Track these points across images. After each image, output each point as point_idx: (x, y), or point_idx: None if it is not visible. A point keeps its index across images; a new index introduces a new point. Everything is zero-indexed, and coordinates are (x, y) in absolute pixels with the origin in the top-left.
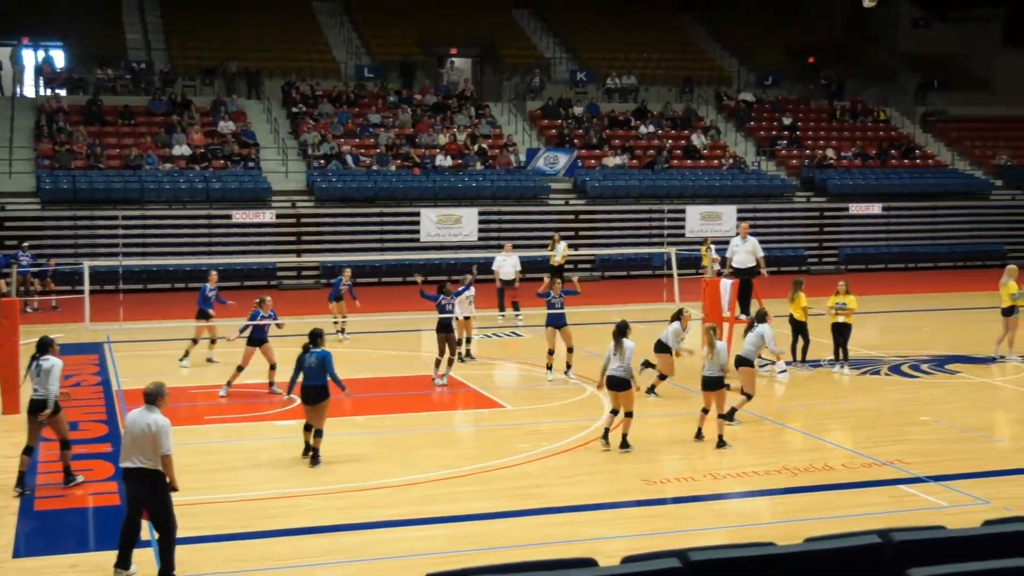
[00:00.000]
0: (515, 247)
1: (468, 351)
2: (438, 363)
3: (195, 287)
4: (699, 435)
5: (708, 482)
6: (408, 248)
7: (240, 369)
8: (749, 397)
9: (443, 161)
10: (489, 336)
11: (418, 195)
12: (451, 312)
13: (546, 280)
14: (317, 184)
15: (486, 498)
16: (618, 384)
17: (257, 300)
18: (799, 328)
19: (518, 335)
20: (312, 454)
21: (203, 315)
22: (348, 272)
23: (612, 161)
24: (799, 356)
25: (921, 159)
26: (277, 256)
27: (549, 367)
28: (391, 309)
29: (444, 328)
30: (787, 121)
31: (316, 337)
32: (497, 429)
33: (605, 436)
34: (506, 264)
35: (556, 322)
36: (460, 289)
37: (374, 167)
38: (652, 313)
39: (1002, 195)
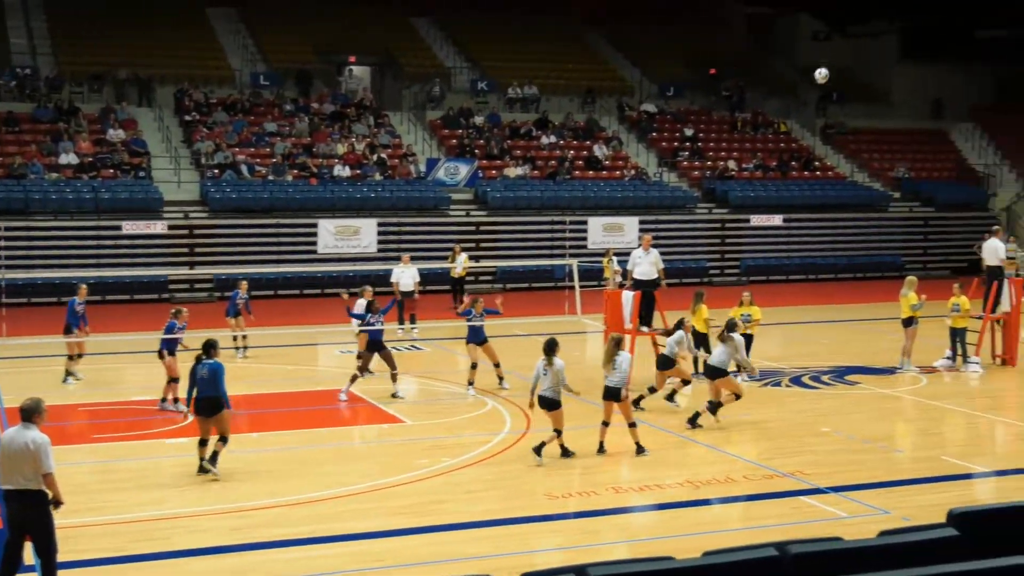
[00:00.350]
0: (414, 259)
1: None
2: (354, 378)
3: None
4: (601, 448)
5: (610, 496)
6: (305, 260)
7: (172, 380)
8: (738, 397)
9: (341, 171)
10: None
11: (315, 206)
12: (379, 330)
13: (467, 299)
14: (211, 194)
15: (385, 515)
16: (548, 404)
17: (173, 311)
18: (701, 340)
19: (417, 348)
20: (212, 455)
21: (70, 330)
22: (244, 285)
23: (513, 172)
24: (702, 368)
25: (821, 171)
26: (169, 269)
27: (471, 383)
28: (288, 323)
29: (374, 346)
30: (689, 132)
31: (209, 348)
32: (397, 444)
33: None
34: (404, 276)
35: (476, 338)
36: (387, 306)
37: (270, 177)
38: (554, 326)
39: (900, 207)
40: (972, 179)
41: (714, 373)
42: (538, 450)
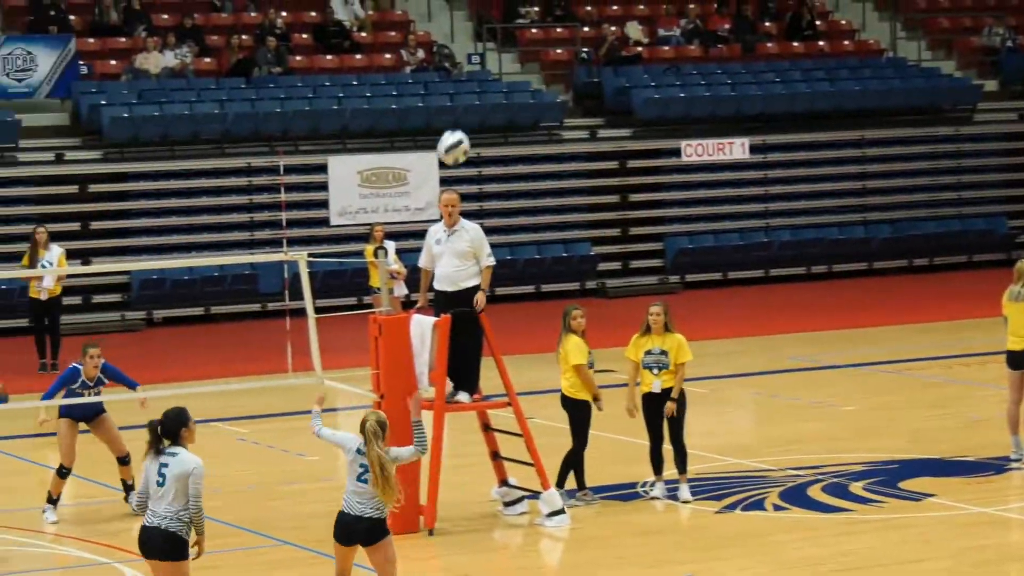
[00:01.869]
0: None
1: None
2: None
3: None
4: None
5: None
6: None
7: None
8: None
9: None
10: None
11: None
12: None
13: None
14: None
15: None
16: (165, 545)
17: None
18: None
19: None
20: None
21: None
22: None
23: (158, 61)
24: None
25: (830, 41)
26: None
27: None
28: None
29: None
30: None
31: None
32: None
33: None
34: None
35: None
36: None
37: None
38: (263, 399)
39: (1000, 111)
40: None
41: None
42: None
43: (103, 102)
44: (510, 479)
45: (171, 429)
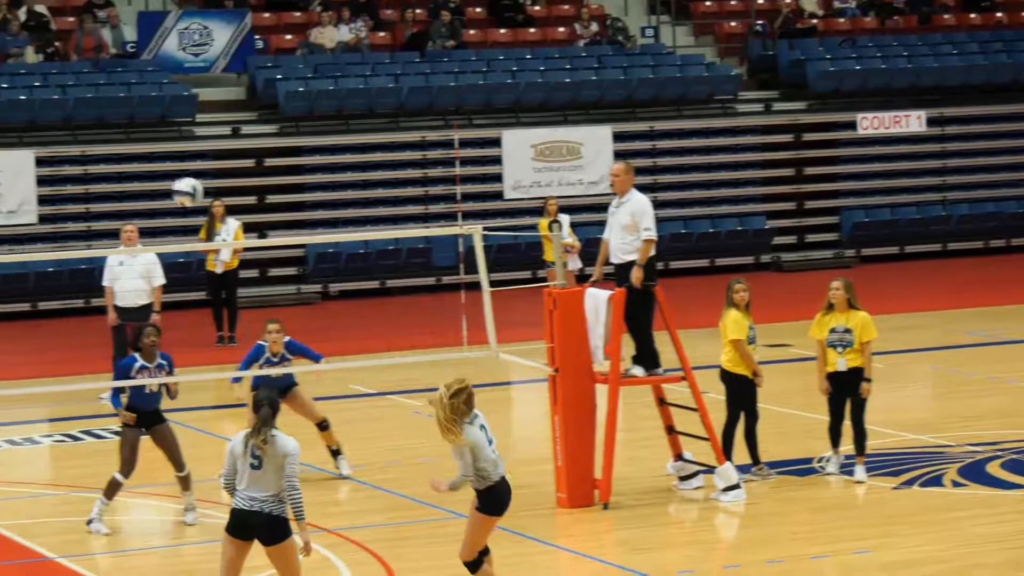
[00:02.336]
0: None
1: None
2: None
3: None
4: None
5: None
6: None
7: None
8: None
9: None
10: None
11: None
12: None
13: (273, 330)
14: None
15: None
16: (270, 528)
17: None
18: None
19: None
20: None
21: None
22: None
23: (331, 36)
24: None
25: (1008, 11)
26: None
27: None
28: None
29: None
30: None
31: None
32: None
33: None
34: (127, 275)
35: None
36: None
37: None
38: (432, 372)
39: None
40: None
41: None
42: None
43: (279, 76)
44: (685, 453)
45: (274, 413)
